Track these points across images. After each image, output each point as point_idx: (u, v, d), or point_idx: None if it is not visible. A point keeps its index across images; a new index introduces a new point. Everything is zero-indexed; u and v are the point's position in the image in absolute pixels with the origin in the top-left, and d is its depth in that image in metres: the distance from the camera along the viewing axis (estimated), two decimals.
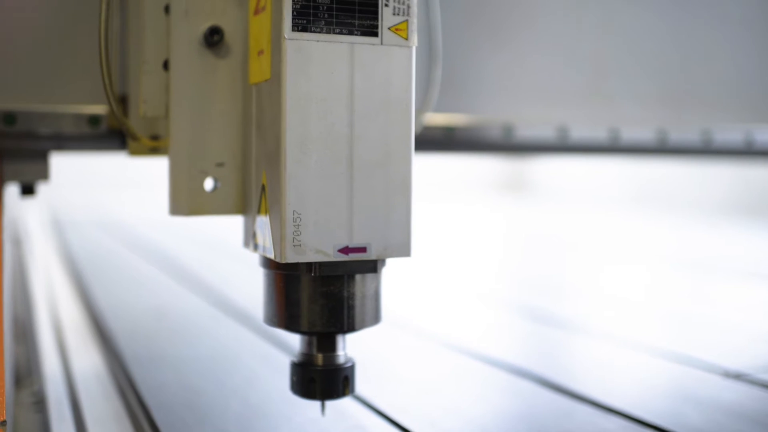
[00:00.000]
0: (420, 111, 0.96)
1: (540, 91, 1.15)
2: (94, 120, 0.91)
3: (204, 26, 0.75)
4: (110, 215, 3.92)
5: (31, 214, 3.51)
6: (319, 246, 0.67)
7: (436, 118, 1.05)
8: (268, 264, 0.73)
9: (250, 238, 0.75)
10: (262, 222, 0.71)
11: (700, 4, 1.28)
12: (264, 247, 0.71)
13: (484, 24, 1.12)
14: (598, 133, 1.16)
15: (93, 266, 2.14)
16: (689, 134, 1.24)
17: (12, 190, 1.05)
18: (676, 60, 1.26)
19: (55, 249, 2.53)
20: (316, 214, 0.67)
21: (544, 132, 1.13)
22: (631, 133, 1.18)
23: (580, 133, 1.14)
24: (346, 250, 0.69)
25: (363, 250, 0.69)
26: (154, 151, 0.84)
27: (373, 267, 0.71)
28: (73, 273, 2.00)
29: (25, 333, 1.38)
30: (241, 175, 0.77)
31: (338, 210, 0.68)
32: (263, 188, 0.71)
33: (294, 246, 0.67)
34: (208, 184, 0.77)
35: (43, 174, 0.94)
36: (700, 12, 1.28)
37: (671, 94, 1.25)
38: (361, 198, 0.68)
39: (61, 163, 1.05)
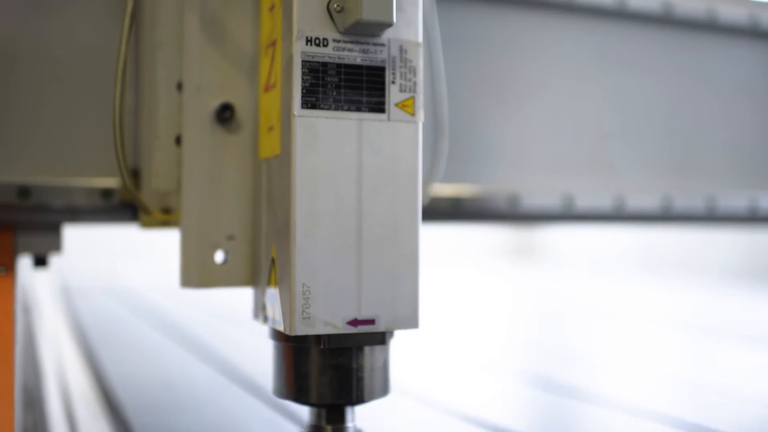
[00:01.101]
0: (427, 182, 0.98)
1: (545, 161, 1.17)
2: (106, 193, 0.93)
3: (215, 102, 0.78)
4: (119, 282, 3.92)
5: (40, 281, 3.52)
6: (328, 318, 0.68)
7: (443, 189, 1.07)
8: (278, 336, 0.74)
9: (260, 310, 0.76)
10: (272, 294, 0.72)
11: (701, 72, 1.30)
12: (273, 320, 0.72)
13: (489, 95, 1.14)
14: (603, 202, 1.17)
15: (102, 334, 2.14)
16: (694, 201, 1.25)
17: (25, 261, 1.06)
18: (680, 128, 1.28)
19: (64, 316, 2.53)
20: (325, 287, 0.68)
21: (550, 201, 1.14)
22: (635, 201, 1.20)
23: (585, 201, 1.16)
24: (354, 323, 0.69)
25: (371, 322, 0.70)
26: (165, 223, 0.86)
27: (381, 339, 0.72)
28: (82, 341, 2.00)
29: (33, 401, 1.38)
30: (251, 248, 0.78)
31: (347, 283, 0.69)
32: (273, 261, 0.72)
33: (303, 319, 0.67)
34: (219, 256, 0.78)
35: (56, 246, 0.96)
36: (702, 80, 1.30)
37: (675, 161, 1.27)
38: (370, 271, 0.69)
39: (71, 230, 1.06)
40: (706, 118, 1.30)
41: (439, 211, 1.07)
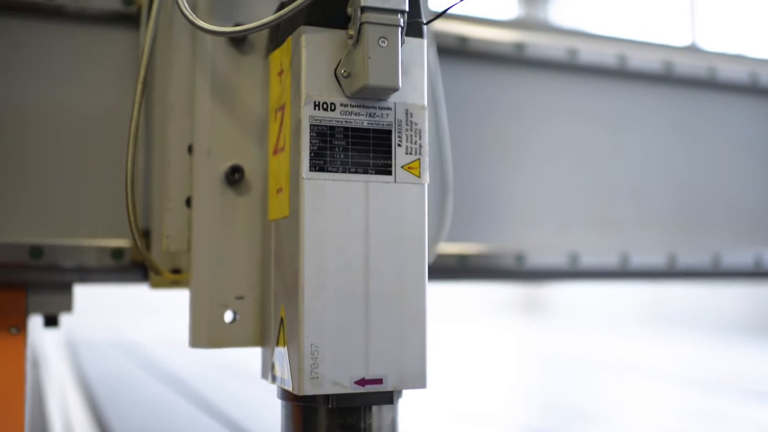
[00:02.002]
0: (433, 242, 0.99)
1: (551, 219, 1.18)
2: (117, 253, 0.94)
3: (225, 165, 0.79)
4: (125, 336, 3.92)
5: (48, 335, 3.52)
6: (336, 378, 0.69)
7: (450, 247, 1.08)
8: (286, 396, 0.75)
9: (269, 370, 0.77)
10: (281, 354, 0.73)
11: (703, 130, 1.32)
12: (282, 379, 0.73)
13: (494, 154, 1.16)
14: (609, 259, 1.18)
15: (108, 389, 2.14)
16: (698, 257, 1.26)
17: (36, 320, 1.07)
18: (684, 184, 1.29)
19: (71, 371, 2.53)
20: (334, 347, 0.69)
21: (556, 259, 1.15)
22: (640, 258, 1.21)
23: (590, 259, 1.17)
24: (362, 382, 0.70)
25: (379, 381, 0.70)
26: (175, 284, 0.87)
27: (389, 398, 0.72)
28: (89, 396, 2.00)
29: None
30: (260, 308, 0.79)
31: (355, 342, 0.70)
32: (282, 321, 0.73)
33: (312, 378, 0.68)
34: (228, 316, 0.79)
35: (67, 306, 0.96)
36: (704, 137, 1.32)
37: (680, 218, 1.28)
38: (377, 330, 0.70)
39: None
40: (709, 175, 1.31)
41: (446, 269, 1.08)
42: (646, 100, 1.28)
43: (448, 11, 0.75)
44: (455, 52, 1.12)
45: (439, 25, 1.08)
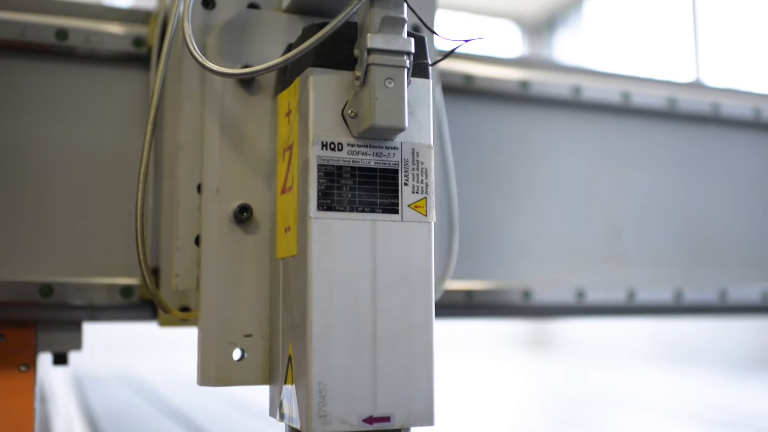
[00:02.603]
0: (440, 279, 0.99)
1: (557, 255, 1.18)
2: (126, 291, 0.95)
3: (234, 204, 0.80)
4: (132, 372, 3.91)
5: (55, 369, 3.51)
6: (343, 416, 0.69)
7: (456, 283, 1.08)
8: None
9: (277, 408, 0.77)
10: (289, 392, 0.73)
11: (707, 165, 1.32)
12: (290, 417, 0.73)
13: (500, 191, 1.16)
14: (615, 295, 1.19)
15: (115, 424, 2.14)
16: (706, 292, 1.26)
17: (45, 358, 1.08)
18: (689, 220, 1.30)
19: (78, 405, 2.53)
20: (341, 385, 0.69)
21: (562, 295, 1.15)
22: (647, 294, 1.21)
23: (597, 295, 1.17)
24: (370, 420, 0.70)
25: (387, 419, 0.71)
26: (184, 321, 0.87)
27: None
28: (96, 431, 1.99)
29: None
30: (268, 346, 0.80)
31: (362, 380, 0.70)
32: (290, 359, 0.73)
33: (320, 417, 0.68)
34: (236, 354, 0.79)
35: (76, 344, 0.97)
36: (711, 172, 1.32)
37: (687, 254, 1.28)
38: (385, 368, 0.71)
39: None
40: (714, 210, 1.32)
41: (453, 305, 1.08)
42: (650, 135, 1.29)
43: (454, 51, 0.76)
44: (461, 90, 1.14)
45: (445, 64, 1.10)
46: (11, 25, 0.94)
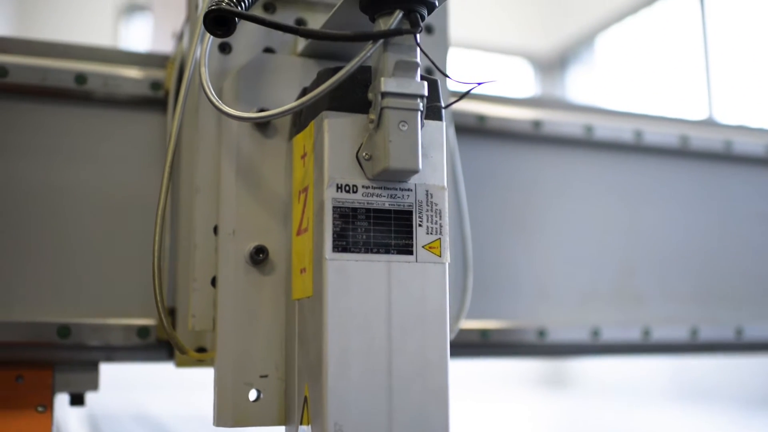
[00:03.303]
0: (455, 319, 1.00)
1: (571, 294, 1.18)
2: (143, 331, 0.96)
3: (250, 245, 0.81)
4: (148, 411, 3.90)
5: (69, 408, 3.51)
6: None
7: (471, 322, 1.09)
8: None
9: None
10: None
11: (721, 202, 1.32)
12: None
13: (514, 230, 1.17)
14: (630, 334, 1.18)
15: None
16: (721, 330, 1.26)
17: (62, 398, 1.08)
18: (705, 257, 1.29)
19: None
20: (357, 426, 0.69)
21: (577, 334, 1.15)
22: (662, 332, 1.20)
23: (612, 333, 1.17)
24: None
25: None
26: (200, 362, 0.88)
27: None
28: None
29: None
30: (284, 387, 0.80)
31: (378, 420, 0.70)
32: (306, 400, 0.74)
33: None
34: (252, 395, 0.80)
35: (93, 385, 0.98)
36: (724, 210, 1.32)
37: (702, 291, 1.28)
38: (400, 408, 0.71)
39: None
40: (729, 247, 1.32)
41: (468, 344, 1.09)
42: (663, 173, 1.29)
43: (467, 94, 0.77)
44: (474, 130, 1.15)
45: (458, 104, 1.11)
46: (33, 70, 0.96)
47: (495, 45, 6.03)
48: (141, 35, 5.02)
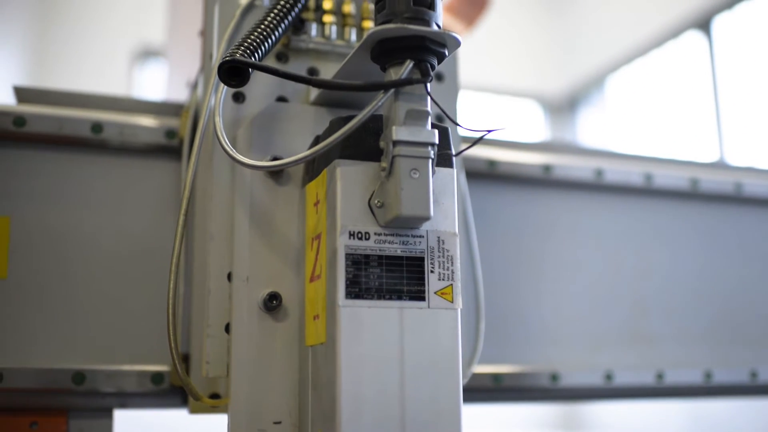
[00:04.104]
0: (467, 364, 1.00)
1: (584, 337, 1.18)
2: (157, 378, 0.96)
3: (264, 292, 0.81)
4: None
5: None
6: None
7: (484, 367, 1.09)
8: None
9: None
10: None
11: (734, 244, 1.33)
12: None
13: (525, 274, 1.17)
14: (644, 376, 1.18)
15: None
16: (736, 373, 1.25)
17: None
18: (717, 299, 1.29)
19: None
20: None
21: (590, 378, 1.15)
22: (676, 375, 1.20)
23: (625, 378, 1.16)
24: None
25: None
26: (214, 408, 0.88)
27: None
28: None
29: None
30: None
31: None
32: None
33: None
34: None
35: (107, 431, 0.98)
36: (736, 252, 1.32)
37: (715, 333, 1.28)
38: None
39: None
40: (741, 289, 1.32)
41: (481, 389, 1.08)
42: (673, 215, 1.30)
43: (477, 142, 0.78)
44: (485, 175, 1.16)
45: (469, 150, 1.12)
46: (50, 120, 0.98)
47: (505, 87, 6.07)
48: (155, 80, 5.08)
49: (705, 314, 1.27)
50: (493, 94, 6.06)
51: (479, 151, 1.15)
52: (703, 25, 4.90)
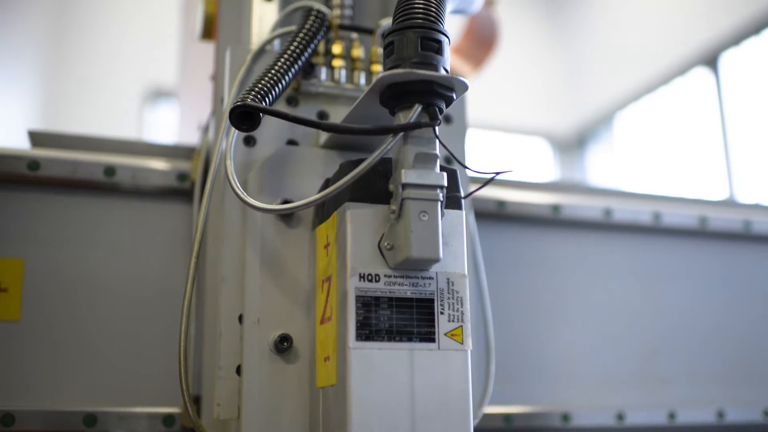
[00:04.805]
0: (478, 405, 1.00)
1: (595, 377, 1.18)
2: (168, 420, 0.97)
3: (274, 334, 0.82)
4: None
5: None
6: None
7: (495, 408, 1.08)
8: None
9: None
10: None
11: (744, 282, 1.32)
12: None
13: (536, 314, 1.17)
14: (656, 416, 1.17)
15: None
16: (748, 412, 1.24)
17: None
18: (728, 337, 1.29)
19: None
20: None
21: (602, 418, 1.14)
22: (688, 415, 1.19)
23: (637, 416, 1.16)
24: None
25: None
26: None
27: None
28: None
29: None
30: None
31: None
32: None
33: None
34: None
35: None
36: (746, 289, 1.32)
37: (726, 372, 1.27)
38: None
39: None
40: (752, 328, 1.31)
41: (492, 430, 1.08)
42: (682, 253, 1.30)
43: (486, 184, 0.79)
44: (494, 215, 1.16)
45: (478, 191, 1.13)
46: (64, 164, 0.99)
47: (513, 125, 6.10)
48: (166, 120, 5.12)
49: (717, 353, 1.27)
50: (502, 132, 6.08)
51: (488, 192, 1.16)
52: (710, 61, 4.92)
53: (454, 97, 0.75)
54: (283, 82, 0.84)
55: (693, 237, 1.31)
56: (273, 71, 0.84)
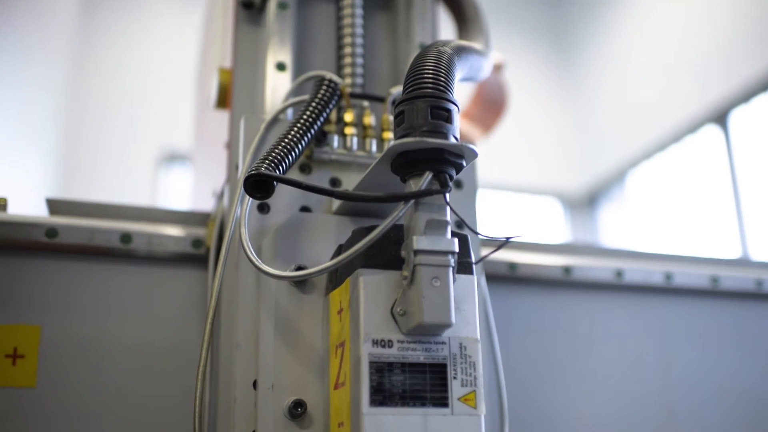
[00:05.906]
0: None
1: None
2: None
3: (288, 400, 0.82)
4: None
5: None
6: None
7: None
8: None
9: None
10: None
11: (758, 340, 1.32)
12: None
13: (550, 376, 1.17)
14: None
15: None
16: None
17: None
18: (742, 396, 1.28)
19: None
20: None
21: None
22: None
23: None
24: None
25: None
26: None
27: None
28: None
29: None
30: None
31: None
32: None
33: None
34: None
35: None
36: (760, 348, 1.32)
37: (744, 428, 1.26)
38: None
39: None
40: (767, 385, 1.31)
41: None
42: (695, 313, 1.30)
43: (496, 241, 0.80)
44: (505, 278, 1.17)
45: None
46: (81, 231, 1.01)
47: (524, 185, 6.11)
48: (181, 183, 5.17)
49: (731, 412, 1.26)
50: (513, 192, 6.10)
51: (500, 255, 1.17)
52: (720, 119, 4.95)
53: (464, 164, 0.77)
54: (297, 150, 0.86)
55: (705, 297, 1.31)
56: (286, 140, 0.86)
